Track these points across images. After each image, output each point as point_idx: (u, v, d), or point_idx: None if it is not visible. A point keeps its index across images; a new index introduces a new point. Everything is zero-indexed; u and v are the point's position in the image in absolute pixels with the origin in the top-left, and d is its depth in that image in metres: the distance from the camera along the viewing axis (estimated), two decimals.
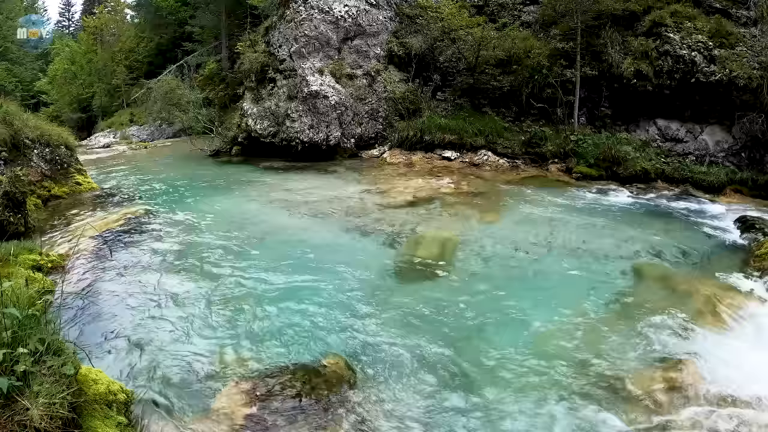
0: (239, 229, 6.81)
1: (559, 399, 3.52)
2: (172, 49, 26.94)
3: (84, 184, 8.64)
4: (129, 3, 36.31)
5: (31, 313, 2.67)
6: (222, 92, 20.75)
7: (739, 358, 3.97)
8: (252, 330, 4.22)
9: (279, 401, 3.39)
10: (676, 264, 6.07)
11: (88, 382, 2.91)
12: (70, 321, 4.09)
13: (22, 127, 7.96)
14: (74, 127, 27.08)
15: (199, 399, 3.38)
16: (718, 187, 9.75)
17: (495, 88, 12.78)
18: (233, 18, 22.49)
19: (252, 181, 10.51)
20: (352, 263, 5.70)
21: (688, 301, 4.91)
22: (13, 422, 2.17)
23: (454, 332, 4.33)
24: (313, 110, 12.49)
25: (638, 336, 4.29)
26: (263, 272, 5.32)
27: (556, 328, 4.41)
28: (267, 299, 4.75)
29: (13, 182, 5.89)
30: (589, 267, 5.89)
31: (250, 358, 3.83)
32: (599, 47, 11.97)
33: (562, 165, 11.14)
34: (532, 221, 7.53)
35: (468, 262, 5.91)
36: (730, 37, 10.81)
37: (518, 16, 14.06)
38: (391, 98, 13.38)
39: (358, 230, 6.98)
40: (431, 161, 11.66)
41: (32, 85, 35.95)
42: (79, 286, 4.79)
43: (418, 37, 13.59)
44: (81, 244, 5.71)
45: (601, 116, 12.06)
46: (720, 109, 10.72)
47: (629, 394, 3.58)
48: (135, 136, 22.01)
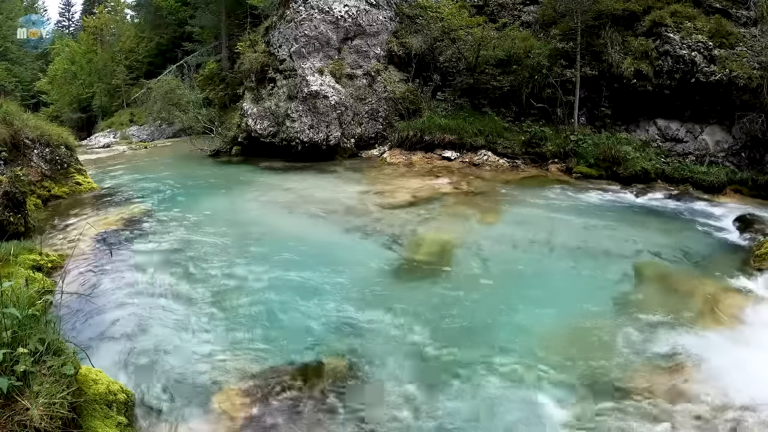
0: (239, 229, 6.81)
1: (559, 399, 3.52)
2: (172, 49, 26.95)
3: (84, 184, 8.64)
4: (129, 3, 36.39)
5: (31, 313, 2.67)
6: (222, 92, 20.74)
7: (739, 358, 3.97)
8: (252, 330, 4.22)
9: (279, 401, 3.39)
10: (676, 264, 6.07)
11: (88, 382, 2.91)
12: (70, 321, 4.09)
13: (22, 127, 7.96)
14: (74, 127, 27.10)
15: (200, 399, 3.38)
16: (718, 187, 9.74)
17: (495, 88, 12.76)
18: (233, 18, 22.48)
19: (252, 181, 10.50)
20: (352, 263, 5.70)
21: (688, 301, 4.92)
22: (13, 422, 2.17)
23: (453, 332, 4.33)
24: (313, 110, 12.49)
25: (638, 336, 4.29)
26: (263, 272, 5.32)
27: (556, 328, 4.41)
28: (266, 299, 4.75)
29: (13, 182, 5.89)
30: (588, 267, 5.89)
31: (249, 357, 3.83)
32: (599, 47, 11.96)
33: (562, 165, 11.13)
34: (532, 221, 7.53)
35: (468, 262, 5.90)
36: (730, 37, 10.80)
37: (518, 16, 14.05)
38: (391, 98, 13.37)
39: (358, 230, 6.97)
40: (431, 161, 11.65)
41: (32, 85, 35.95)
42: (80, 286, 4.79)
43: (418, 37, 13.59)
44: (81, 244, 5.71)
45: (601, 116, 12.05)
46: (720, 109, 10.71)
47: (628, 394, 3.58)
48: (135, 136, 22.01)
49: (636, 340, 4.24)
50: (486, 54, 12.68)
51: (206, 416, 3.24)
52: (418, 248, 6.30)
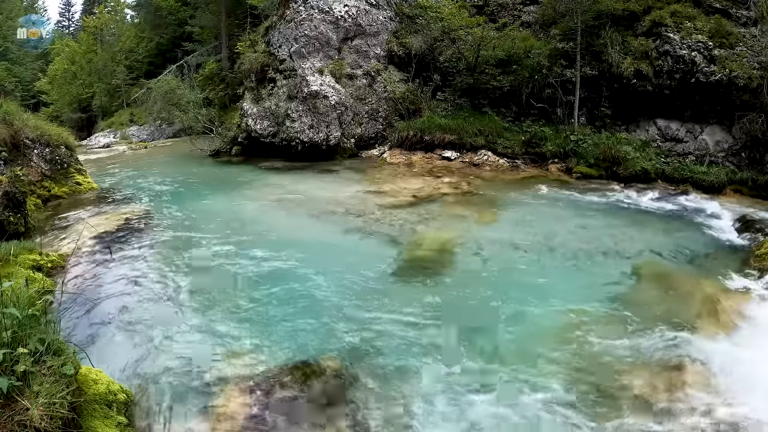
0: (239, 229, 6.81)
1: (558, 398, 3.52)
2: (172, 49, 26.96)
3: (84, 184, 8.64)
4: (129, 3, 36.41)
5: (31, 313, 2.67)
6: (222, 92, 20.75)
7: (738, 358, 3.97)
8: (252, 330, 4.22)
9: (279, 401, 3.40)
10: (676, 264, 6.07)
11: (88, 382, 2.91)
12: (71, 321, 4.10)
13: (22, 127, 7.97)
14: (74, 127, 27.15)
15: (200, 399, 3.39)
16: (718, 187, 9.74)
17: (495, 88, 12.76)
18: (233, 18, 22.50)
19: (252, 181, 10.50)
20: (352, 263, 5.70)
21: (687, 301, 4.92)
22: (13, 422, 2.17)
23: (452, 332, 4.32)
24: (313, 110, 12.49)
25: (637, 336, 4.29)
26: (262, 272, 5.33)
27: (555, 328, 4.41)
28: (266, 299, 4.75)
29: (13, 182, 5.90)
30: (588, 267, 5.89)
31: (250, 357, 3.83)
32: (599, 47, 11.96)
33: (562, 165, 11.13)
34: (531, 221, 7.53)
35: (467, 262, 5.90)
36: (730, 37, 10.80)
37: (518, 16, 14.05)
38: (391, 98, 13.37)
39: (358, 230, 6.98)
40: (431, 161, 11.65)
41: (32, 85, 35.98)
42: (80, 286, 4.79)
43: (418, 37, 13.59)
44: (81, 244, 5.71)
45: (601, 116, 12.05)
46: (720, 109, 10.71)
47: (628, 394, 3.58)
48: (135, 136, 22.01)
49: (636, 339, 4.23)
50: (486, 54, 12.69)
51: (206, 416, 3.24)
52: (417, 248, 6.30)
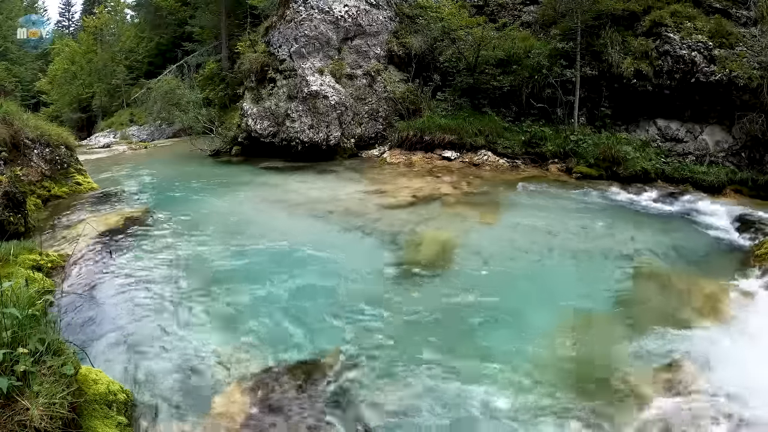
0: (239, 229, 6.81)
1: (558, 398, 3.52)
2: (172, 49, 26.95)
3: (84, 184, 8.64)
4: (129, 3, 36.39)
5: (31, 313, 2.67)
6: (222, 92, 20.75)
7: (738, 357, 3.98)
8: (252, 330, 4.23)
9: (278, 401, 3.40)
10: (676, 264, 6.07)
11: (88, 382, 2.91)
12: (70, 321, 4.10)
13: (22, 127, 7.96)
14: (74, 127, 27.16)
15: (200, 399, 3.39)
16: (718, 187, 9.74)
17: (495, 88, 12.76)
18: (233, 18, 22.50)
19: (252, 181, 10.51)
20: (352, 263, 5.70)
21: (687, 301, 4.92)
22: (13, 422, 2.17)
23: (452, 331, 4.33)
24: (313, 110, 12.49)
25: (637, 335, 4.29)
26: (262, 272, 5.33)
27: (555, 328, 4.41)
28: (266, 299, 4.75)
29: (13, 182, 5.90)
30: (588, 267, 5.89)
31: (249, 357, 3.83)
32: (599, 47, 11.95)
33: (562, 165, 11.13)
34: (531, 221, 7.52)
35: (467, 263, 5.90)
36: (730, 37, 10.79)
37: (518, 16, 14.05)
38: (391, 98, 13.37)
39: (358, 230, 6.98)
40: (431, 161, 11.65)
41: (32, 85, 35.97)
42: (80, 286, 4.79)
43: (418, 37, 13.58)
44: (81, 244, 5.71)
45: (601, 116, 12.04)
46: (720, 109, 10.70)
47: (628, 393, 3.59)
48: (135, 136, 22.00)
49: (635, 339, 4.24)
50: (486, 54, 12.68)
51: (206, 416, 3.24)
52: (417, 248, 6.30)
